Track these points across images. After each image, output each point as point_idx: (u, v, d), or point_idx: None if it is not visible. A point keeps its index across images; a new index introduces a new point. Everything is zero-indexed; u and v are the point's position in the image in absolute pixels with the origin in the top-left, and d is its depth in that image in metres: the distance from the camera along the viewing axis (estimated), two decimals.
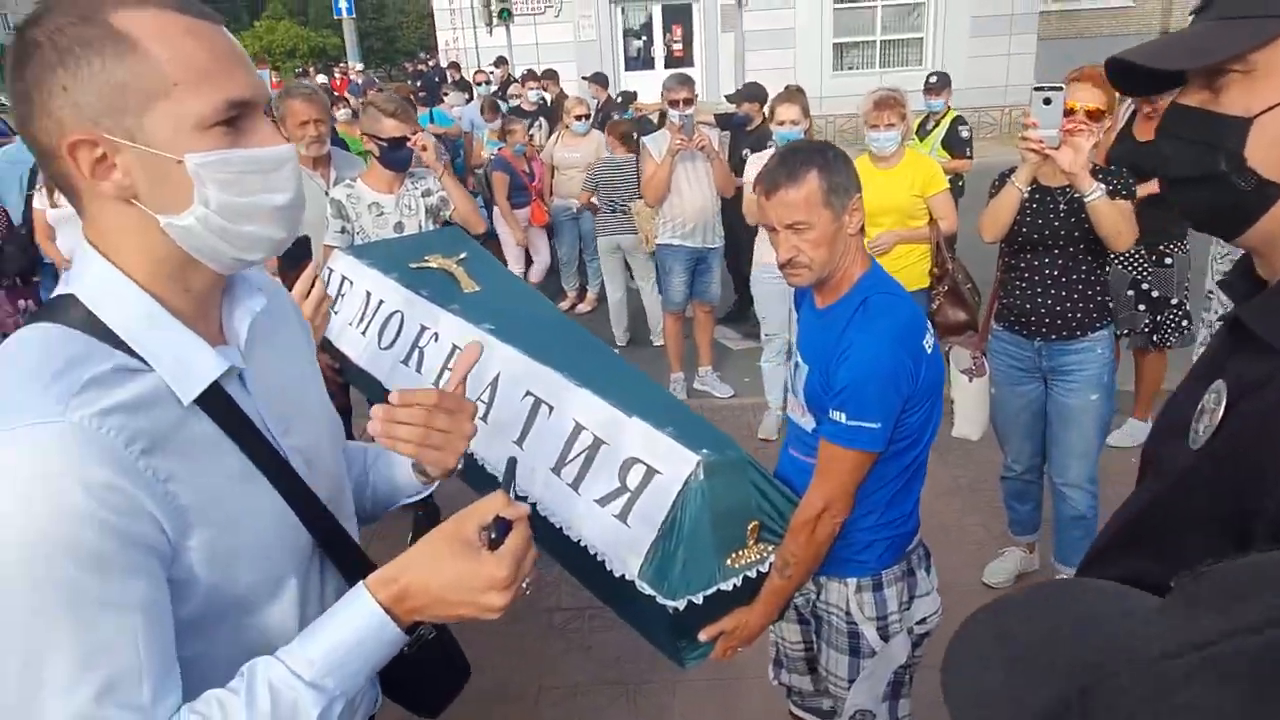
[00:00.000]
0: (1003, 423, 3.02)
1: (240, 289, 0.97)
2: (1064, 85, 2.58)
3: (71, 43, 0.78)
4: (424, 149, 3.19)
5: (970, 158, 5.66)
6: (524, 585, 0.93)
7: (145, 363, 0.84)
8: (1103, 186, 2.53)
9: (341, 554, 1.03)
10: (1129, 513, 0.92)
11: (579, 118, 6.20)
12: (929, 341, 1.77)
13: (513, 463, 1.03)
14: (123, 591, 0.76)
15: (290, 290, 1.54)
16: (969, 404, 2.96)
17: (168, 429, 0.83)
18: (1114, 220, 2.53)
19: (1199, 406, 0.85)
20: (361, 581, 0.90)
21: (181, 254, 0.86)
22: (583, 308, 6.79)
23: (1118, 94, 2.62)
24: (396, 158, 3.11)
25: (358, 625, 0.87)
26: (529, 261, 6.65)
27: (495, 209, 6.31)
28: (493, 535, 0.91)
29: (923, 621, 1.89)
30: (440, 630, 1.12)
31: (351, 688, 0.87)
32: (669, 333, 4.98)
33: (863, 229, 1.81)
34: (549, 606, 3.14)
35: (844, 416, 1.69)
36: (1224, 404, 0.81)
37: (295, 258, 1.60)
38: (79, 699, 0.74)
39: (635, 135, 5.38)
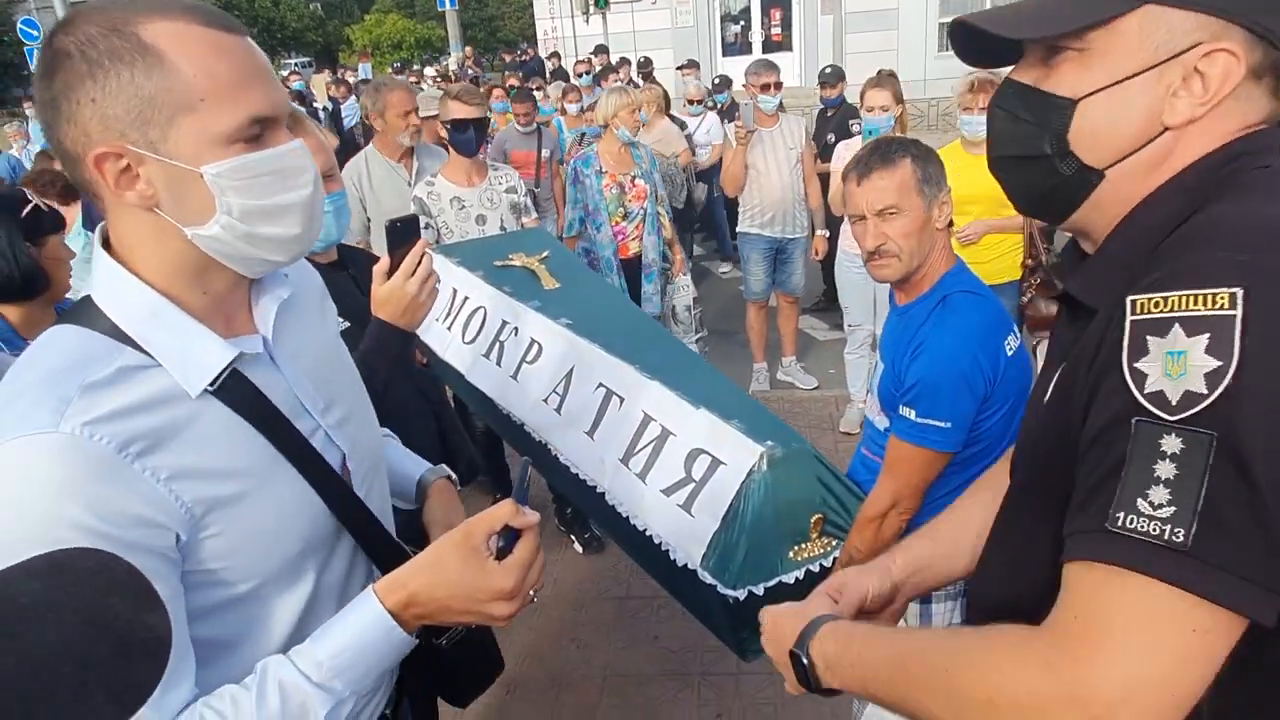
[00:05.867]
0: None
1: (267, 279, 0.98)
2: None
3: (102, 55, 0.78)
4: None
5: None
6: (530, 594, 0.93)
7: (154, 359, 0.85)
8: None
9: (370, 537, 1.04)
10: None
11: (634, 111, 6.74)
12: (1011, 343, 1.72)
13: (525, 467, 1.01)
14: None
15: (398, 267, 1.53)
16: None
17: (177, 424, 0.84)
18: None
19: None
20: (371, 585, 0.93)
21: (202, 258, 0.87)
22: None
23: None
24: (462, 140, 3.20)
25: (366, 629, 0.89)
26: None
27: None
28: (501, 544, 0.91)
29: None
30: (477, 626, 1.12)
31: (361, 688, 0.89)
32: (751, 323, 4.96)
33: (951, 224, 1.79)
34: (619, 595, 3.18)
35: (914, 413, 1.68)
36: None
37: (404, 235, 1.56)
38: None
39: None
